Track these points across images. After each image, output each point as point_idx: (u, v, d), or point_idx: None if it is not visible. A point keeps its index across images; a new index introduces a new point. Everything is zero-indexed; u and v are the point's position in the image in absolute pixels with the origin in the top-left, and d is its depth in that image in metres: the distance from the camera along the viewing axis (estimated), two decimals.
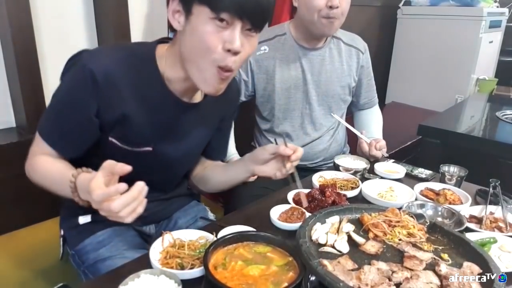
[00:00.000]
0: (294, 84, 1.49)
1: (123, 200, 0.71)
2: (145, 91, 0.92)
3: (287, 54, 1.48)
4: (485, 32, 3.01)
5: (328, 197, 1.07)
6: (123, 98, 0.90)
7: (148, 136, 0.97)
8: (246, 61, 0.92)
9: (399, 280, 0.70)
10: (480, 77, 3.15)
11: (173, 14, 0.86)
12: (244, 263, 0.77)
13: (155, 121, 0.96)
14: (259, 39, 1.36)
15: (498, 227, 1.03)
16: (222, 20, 0.80)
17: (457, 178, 1.26)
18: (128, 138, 0.95)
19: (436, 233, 0.86)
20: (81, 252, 1.03)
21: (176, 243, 0.87)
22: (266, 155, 1.02)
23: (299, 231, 0.79)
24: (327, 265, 0.70)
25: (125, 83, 0.90)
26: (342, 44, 1.54)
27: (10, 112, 1.55)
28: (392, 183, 1.26)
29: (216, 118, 1.11)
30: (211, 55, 0.83)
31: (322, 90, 1.52)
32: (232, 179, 1.14)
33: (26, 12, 1.37)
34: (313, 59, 1.49)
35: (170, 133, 1.00)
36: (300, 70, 1.49)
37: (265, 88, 1.50)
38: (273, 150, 1.01)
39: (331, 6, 1.32)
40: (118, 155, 0.93)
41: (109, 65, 0.88)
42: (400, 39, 3.34)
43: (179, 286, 0.72)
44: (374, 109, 1.72)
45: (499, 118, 2.16)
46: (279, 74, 1.47)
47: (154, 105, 0.94)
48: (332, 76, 1.52)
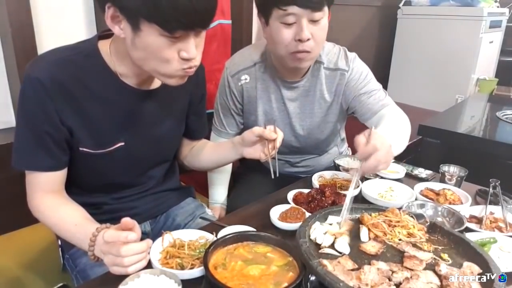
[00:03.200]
0: (277, 116, 1.37)
1: (133, 247, 0.76)
2: (97, 87, 0.91)
3: (267, 85, 1.34)
4: (485, 32, 3.02)
5: (328, 197, 1.07)
6: (77, 99, 0.88)
7: (116, 131, 0.96)
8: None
9: (399, 280, 0.70)
10: (480, 77, 3.15)
11: (112, 20, 0.81)
12: (244, 263, 0.77)
13: (117, 114, 0.94)
14: (237, 67, 1.36)
15: (498, 227, 1.03)
16: (175, 36, 0.80)
17: (457, 178, 1.26)
18: (97, 141, 0.94)
19: (436, 233, 0.86)
20: (74, 256, 1.03)
21: (176, 243, 0.87)
22: (253, 137, 1.04)
23: (299, 231, 0.79)
24: (327, 265, 0.70)
25: (74, 83, 0.88)
26: (323, 69, 1.33)
27: (10, 112, 1.55)
28: (392, 183, 1.26)
29: (183, 101, 1.10)
30: (170, 66, 0.84)
31: (307, 123, 1.39)
32: (222, 160, 1.19)
33: (26, 11, 1.37)
34: (294, 90, 1.35)
35: (136, 124, 0.99)
36: (282, 102, 1.36)
37: (248, 118, 1.40)
38: (258, 133, 1.03)
39: (300, 39, 1.13)
40: (93, 161, 0.95)
41: (53, 68, 0.86)
42: (400, 39, 3.34)
43: (179, 286, 0.72)
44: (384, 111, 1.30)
45: (499, 118, 2.16)
46: (261, 106, 1.36)
47: (111, 99, 0.93)
48: (315, 108, 1.37)
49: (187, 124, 1.17)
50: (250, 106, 1.38)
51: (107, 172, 1.00)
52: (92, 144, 0.93)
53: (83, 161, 0.95)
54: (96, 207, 1.04)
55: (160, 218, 1.19)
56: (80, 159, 0.95)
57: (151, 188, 1.13)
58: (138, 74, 0.93)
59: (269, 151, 1.03)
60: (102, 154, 0.95)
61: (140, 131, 1.00)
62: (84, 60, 0.89)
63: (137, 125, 0.99)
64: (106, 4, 0.79)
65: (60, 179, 0.94)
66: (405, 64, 3.34)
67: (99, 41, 0.93)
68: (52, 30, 1.56)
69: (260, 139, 1.04)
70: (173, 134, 1.12)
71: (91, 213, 0.95)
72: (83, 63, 0.89)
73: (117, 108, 0.94)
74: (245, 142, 1.07)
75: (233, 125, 1.43)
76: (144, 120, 1.00)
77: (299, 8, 1.10)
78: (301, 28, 1.13)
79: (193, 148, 1.24)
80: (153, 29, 0.78)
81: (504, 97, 2.99)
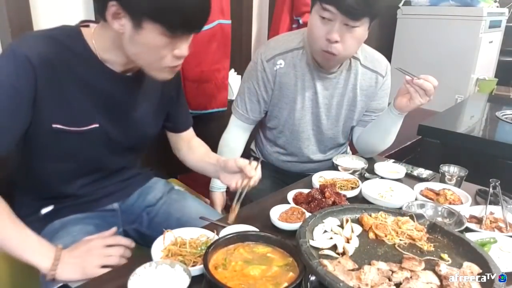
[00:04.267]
0: (306, 106, 1.41)
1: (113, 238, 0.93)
2: (80, 68, 0.91)
3: (303, 73, 1.37)
4: (485, 32, 3.02)
5: (328, 198, 1.07)
6: (60, 79, 0.89)
7: (92, 113, 0.96)
8: None
9: (399, 280, 0.70)
10: (480, 77, 3.15)
11: (113, 16, 0.83)
12: (244, 263, 0.77)
13: (96, 96, 0.95)
14: (273, 51, 1.38)
15: (498, 227, 1.03)
16: (175, 36, 0.84)
17: (457, 178, 1.26)
18: (72, 119, 0.93)
19: (436, 233, 0.86)
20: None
21: (178, 241, 0.87)
22: (235, 167, 1.04)
23: (299, 231, 0.79)
24: (327, 265, 0.70)
25: (59, 62, 0.88)
26: (360, 65, 1.40)
27: None
28: (392, 183, 1.26)
29: (158, 91, 1.11)
30: (162, 61, 0.88)
31: (332, 114, 1.44)
32: (205, 171, 1.22)
33: (26, 12, 1.37)
34: (327, 81, 1.38)
35: (114, 108, 1.00)
36: (313, 91, 1.39)
37: (276, 104, 1.43)
38: (240, 165, 1.02)
39: (328, 39, 1.18)
40: (64, 140, 0.94)
41: (41, 46, 0.86)
42: (400, 39, 3.34)
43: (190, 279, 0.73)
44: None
45: (499, 118, 2.15)
46: (292, 93, 1.39)
47: (91, 80, 0.94)
48: (343, 100, 1.42)
49: (170, 117, 1.20)
50: (280, 93, 1.40)
51: (78, 154, 1.00)
52: (66, 122, 0.93)
53: (55, 141, 0.94)
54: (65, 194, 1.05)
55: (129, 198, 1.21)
56: (52, 138, 0.93)
57: (118, 175, 1.14)
58: (124, 63, 0.95)
59: (242, 185, 1.03)
60: (75, 132, 0.94)
61: (116, 115, 1.01)
62: (69, 40, 0.90)
63: (115, 108, 1.00)
64: (110, 1, 0.80)
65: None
66: (404, 64, 3.29)
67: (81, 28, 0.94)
68: None
69: (240, 171, 1.03)
70: (149, 121, 1.12)
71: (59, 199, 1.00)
72: (67, 42, 0.90)
73: (96, 90, 0.95)
74: (226, 168, 1.08)
75: (256, 111, 1.45)
76: (122, 104, 1.01)
77: (336, 10, 1.13)
78: (332, 29, 1.17)
79: (190, 145, 1.26)
80: (155, 28, 0.81)
81: (504, 97, 2.99)
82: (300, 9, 2.12)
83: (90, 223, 1.05)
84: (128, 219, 1.18)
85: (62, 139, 0.94)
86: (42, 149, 0.97)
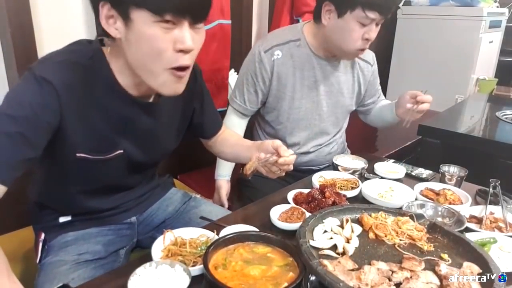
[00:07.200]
0: (305, 94, 1.44)
1: None
2: (101, 93, 0.88)
3: (302, 63, 1.41)
4: (485, 32, 3.01)
5: (328, 198, 1.07)
6: (84, 106, 0.86)
7: (116, 139, 0.94)
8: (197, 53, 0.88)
9: (399, 280, 0.70)
10: (480, 77, 3.15)
11: (107, 20, 0.80)
12: (244, 263, 0.77)
13: (117, 122, 0.93)
14: (271, 42, 1.39)
15: (498, 227, 1.03)
16: (167, 21, 0.76)
17: (457, 178, 1.26)
18: (96, 147, 0.91)
19: (436, 233, 0.86)
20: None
21: (178, 241, 0.87)
22: (270, 148, 1.01)
23: (299, 231, 0.79)
24: (327, 265, 0.70)
25: (82, 89, 0.85)
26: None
27: None
28: (392, 183, 1.26)
29: (183, 110, 1.09)
30: (163, 59, 0.80)
31: (332, 101, 1.49)
32: (237, 156, 1.20)
33: (26, 11, 1.37)
34: (327, 69, 1.44)
35: (135, 132, 0.97)
36: (313, 80, 1.44)
37: (275, 95, 1.45)
38: (277, 145, 1.00)
39: (368, 38, 1.29)
40: (88, 167, 0.93)
41: (65, 73, 0.82)
42: (400, 39, 3.33)
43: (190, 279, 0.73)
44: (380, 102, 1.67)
45: (499, 118, 2.15)
46: (291, 83, 1.42)
47: (111, 106, 0.91)
48: (343, 87, 1.49)
49: (197, 125, 1.17)
50: (278, 83, 1.43)
51: (101, 178, 1.00)
52: (90, 150, 0.91)
53: (79, 167, 0.93)
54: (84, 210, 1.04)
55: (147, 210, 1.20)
56: (75, 166, 0.92)
57: (137, 193, 1.14)
58: (137, 84, 0.90)
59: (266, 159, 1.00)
60: (100, 160, 0.93)
61: (139, 140, 0.99)
62: (89, 62, 0.87)
63: (136, 133, 0.98)
64: (100, 3, 0.79)
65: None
66: (404, 64, 3.34)
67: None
68: (52, 30, 1.55)
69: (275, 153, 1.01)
70: (171, 139, 1.11)
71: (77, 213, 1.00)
72: (91, 66, 0.86)
73: (116, 116, 0.93)
74: (261, 148, 1.05)
75: (254, 102, 1.47)
76: (144, 129, 0.99)
77: (379, 15, 1.25)
78: (371, 30, 1.29)
79: (219, 138, 1.25)
80: (143, 15, 0.76)
81: (504, 97, 2.99)
82: (300, 9, 2.12)
83: (101, 241, 1.04)
84: (145, 230, 1.17)
85: (86, 166, 0.93)
86: (64, 175, 0.96)
